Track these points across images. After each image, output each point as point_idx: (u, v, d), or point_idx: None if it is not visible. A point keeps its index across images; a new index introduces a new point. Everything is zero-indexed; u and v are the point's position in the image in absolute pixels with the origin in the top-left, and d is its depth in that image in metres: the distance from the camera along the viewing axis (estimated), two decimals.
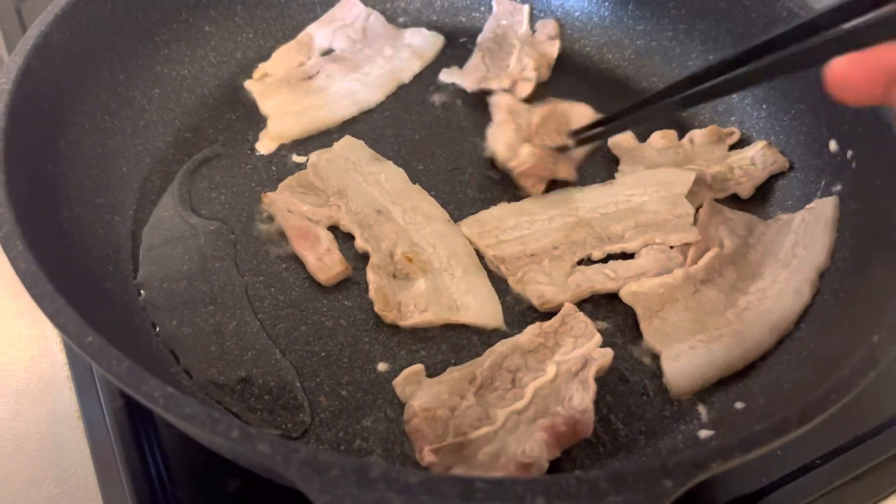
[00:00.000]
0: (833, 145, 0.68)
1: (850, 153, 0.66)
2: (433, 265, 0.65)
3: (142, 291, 0.63)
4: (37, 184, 0.56)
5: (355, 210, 0.68)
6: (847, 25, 0.48)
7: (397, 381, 0.57)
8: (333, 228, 0.68)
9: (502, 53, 0.84)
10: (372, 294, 0.62)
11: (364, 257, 0.66)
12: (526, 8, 0.88)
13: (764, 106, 0.76)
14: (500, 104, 0.78)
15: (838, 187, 0.67)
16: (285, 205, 0.68)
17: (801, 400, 0.51)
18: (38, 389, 0.67)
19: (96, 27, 0.68)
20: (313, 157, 0.73)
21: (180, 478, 0.56)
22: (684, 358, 0.60)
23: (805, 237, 0.65)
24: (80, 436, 0.63)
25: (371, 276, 0.63)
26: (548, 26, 0.87)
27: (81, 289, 0.53)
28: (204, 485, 0.56)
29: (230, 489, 0.55)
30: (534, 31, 0.88)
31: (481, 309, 0.63)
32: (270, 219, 0.68)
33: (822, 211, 0.66)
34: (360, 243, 0.66)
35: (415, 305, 0.62)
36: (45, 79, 0.61)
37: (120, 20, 0.71)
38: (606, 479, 0.39)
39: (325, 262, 0.64)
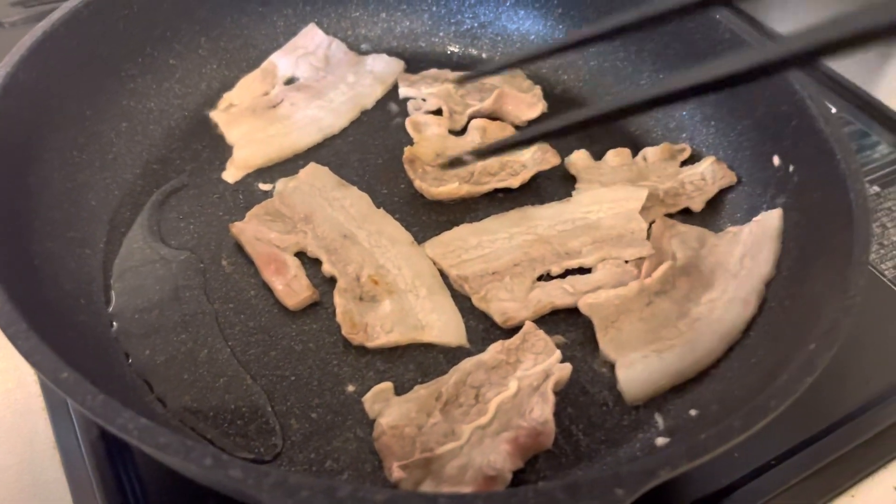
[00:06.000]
0: (776, 160, 0.71)
1: (791, 167, 0.69)
2: (399, 286, 0.67)
3: (114, 322, 0.64)
4: (7, 221, 0.57)
5: (321, 235, 0.70)
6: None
7: (367, 398, 0.59)
8: (301, 254, 0.70)
9: None
10: (339, 318, 0.64)
11: (332, 281, 0.68)
12: None
13: (712, 123, 0.80)
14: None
15: (782, 199, 0.70)
16: (253, 233, 0.69)
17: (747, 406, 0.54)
18: (13, 421, 0.68)
19: (63, 64, 0.69)
20: (279, 184, 0.75)
21: None
22: (638, 366, 0.62)
23: (753, 248, 0.68)
24: (58, 466, 0.64)
25: (338, 299, 0.65)
26: None
27: (54, 324, 0.54)
28: None
29: None
30: None
31: (445, 328, 0.65)
32: (239, 247, 0.70)
33: (768, 222, 0.69)
34: (327, 268, 0.68)
35: (381, 326, 0.64)
36: (14, 118, 0.62)
37: (85, 56, 0.72)
38: (562, 489, 0.41)
39: (292, 287, 0.66)
